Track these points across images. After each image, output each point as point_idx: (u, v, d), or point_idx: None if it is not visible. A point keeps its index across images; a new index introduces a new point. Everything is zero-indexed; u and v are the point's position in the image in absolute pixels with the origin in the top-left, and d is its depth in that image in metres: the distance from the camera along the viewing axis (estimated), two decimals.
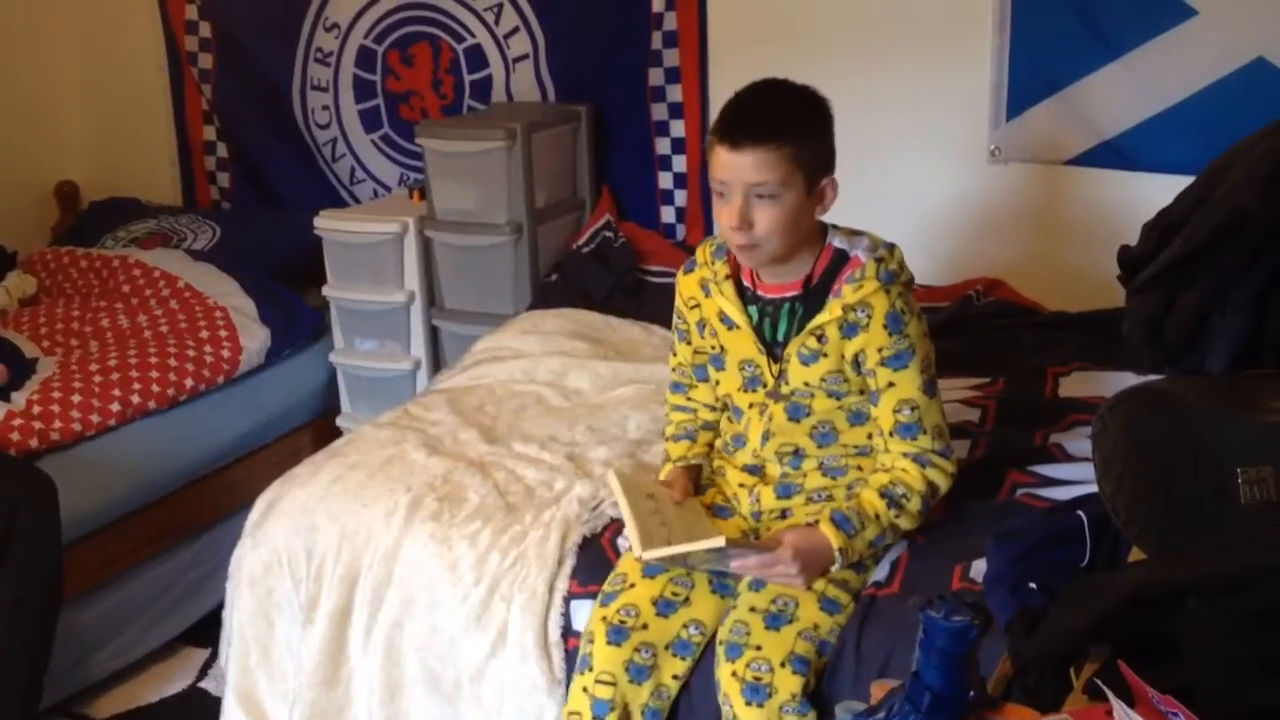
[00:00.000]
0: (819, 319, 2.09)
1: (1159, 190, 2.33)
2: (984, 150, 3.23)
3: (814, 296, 2.11)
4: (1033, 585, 1.82)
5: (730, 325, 2.18)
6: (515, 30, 3.76)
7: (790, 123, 2.02)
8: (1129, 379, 2.58)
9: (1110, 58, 3.01)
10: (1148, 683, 1.25)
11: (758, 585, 2.09)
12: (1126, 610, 1.36)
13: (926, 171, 3.32)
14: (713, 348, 2.23)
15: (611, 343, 3.12)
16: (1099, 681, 1.32)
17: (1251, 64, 2.87)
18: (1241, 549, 1.36)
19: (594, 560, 2.29)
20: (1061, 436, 2.55)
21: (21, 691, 2.57)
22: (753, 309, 2.16)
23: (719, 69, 3.51)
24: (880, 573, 2.15)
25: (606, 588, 2.16)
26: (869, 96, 3.27)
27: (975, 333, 3.06)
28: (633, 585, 2.14)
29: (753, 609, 2.05)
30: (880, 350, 2.08)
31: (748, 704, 1.96)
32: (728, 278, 2.18)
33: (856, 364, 2.11)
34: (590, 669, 2.08)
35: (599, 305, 3.34)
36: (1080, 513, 1.96)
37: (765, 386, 2.17)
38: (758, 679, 1.96)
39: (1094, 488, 1.97)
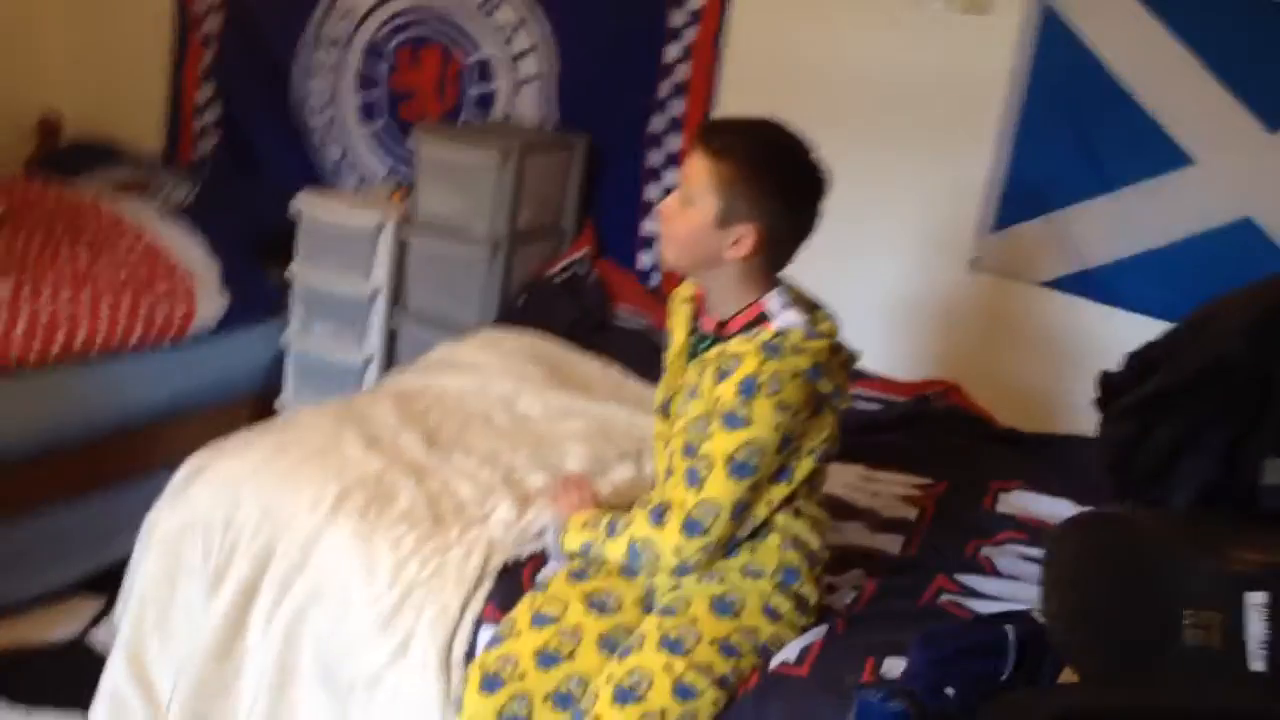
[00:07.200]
0: (705, 355, 2.08)
1: (1129, 328, 2.37)
2: (965, 256, 3.25)
3: (721, 341, 2.09)
4: (950, 691, 1.81)
5: (670, 343, 2.22)
6: (527, 52, 3.76)
7: (738, 148, 2.01)
8: (1067, 508, 2.58)
9: (1104, 190, 3.04)
10: None
11: (625, 653, 2.05)
12: None
13: (905, 265, 3.33)
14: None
15: (568, 374, 3.10)
16: None
17: (1239, 222, 2.91)
18: (1177, 690, 1.35)
19: (511, 588, 2.25)
20: (992, 551, 2.53)
21: None
22: (693, 338, 2.17)
23: None
24: (790, 653, 2.11)
25: (498, 630, 2.13)
26: (862, 180, 3.27)
27: (926, 433, 3.06)
28: (519, 634, 2.10)
29: (609, 678, 2.01)
30: (721, 403, 2.00)
31: None
32: (689, 300, 2.22)
33: None
34: (462, 712, 2.05)
35: (561, 335, 3.32)
36: (1007, 627, 1.95)
37: (668, 415, 2.18)
38: None
39: (1020, 605, 1.97)
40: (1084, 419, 2.18)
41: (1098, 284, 3.08)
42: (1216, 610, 1.42)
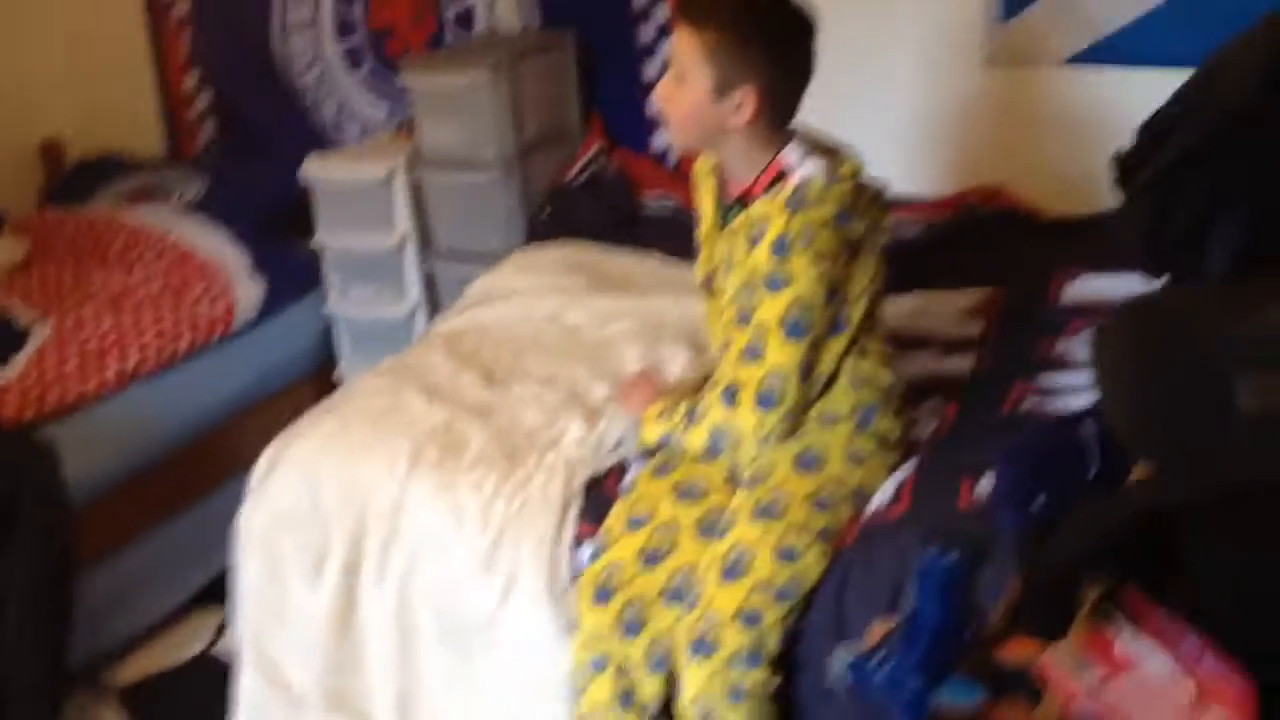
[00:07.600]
0: (732, 225, 2.07)
1: (1161, 87, 2.26)
2: (978, 52, 3.14)
3: (748, 206, 2.07)
4: (1041, 500, 1.78)
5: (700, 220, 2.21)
6: None
7: (717, 12, 1.96)
8: (1134, 282, 2.52)
9: None
10: (1158, 604, 1.22)
11: (722, 533, 2.07)
12: (1130, 531, 1.33)
13: (919, 76, 3.23)
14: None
15: (608, 276, 3.07)
16: (1106, 605, 1.29)
17: None
18: (1244, 461, 1.31)
19: (600, 502, 2.27)
20: (1068, 343, 2.49)
21: (49, 662, 2.58)
22: (721, 209, 2.16)
23: None
24: (885, 494, 2.11)
25: (597, 543, 2.16)
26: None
27: (976, 243, 3.00)
28: (617, 541, 2.13)
29: (713, 560, 2.03)
30: (759, 268, 1.99)
31: (693, 657, 1.95)
32: (711, 172, 2.19)
33: None
34: (581, 629, 2.08)
35: (593, 238, 3.28)
36: (1090, 421, 1.92)
37: (713, 291, 2.19)
38: (704, 634, 1.95)
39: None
40: None
41: (1119, 50, 2.96)
42: (1274, 369, 1.35)
